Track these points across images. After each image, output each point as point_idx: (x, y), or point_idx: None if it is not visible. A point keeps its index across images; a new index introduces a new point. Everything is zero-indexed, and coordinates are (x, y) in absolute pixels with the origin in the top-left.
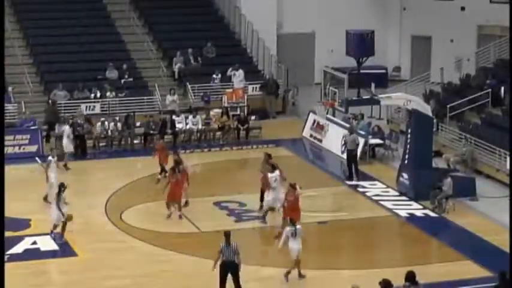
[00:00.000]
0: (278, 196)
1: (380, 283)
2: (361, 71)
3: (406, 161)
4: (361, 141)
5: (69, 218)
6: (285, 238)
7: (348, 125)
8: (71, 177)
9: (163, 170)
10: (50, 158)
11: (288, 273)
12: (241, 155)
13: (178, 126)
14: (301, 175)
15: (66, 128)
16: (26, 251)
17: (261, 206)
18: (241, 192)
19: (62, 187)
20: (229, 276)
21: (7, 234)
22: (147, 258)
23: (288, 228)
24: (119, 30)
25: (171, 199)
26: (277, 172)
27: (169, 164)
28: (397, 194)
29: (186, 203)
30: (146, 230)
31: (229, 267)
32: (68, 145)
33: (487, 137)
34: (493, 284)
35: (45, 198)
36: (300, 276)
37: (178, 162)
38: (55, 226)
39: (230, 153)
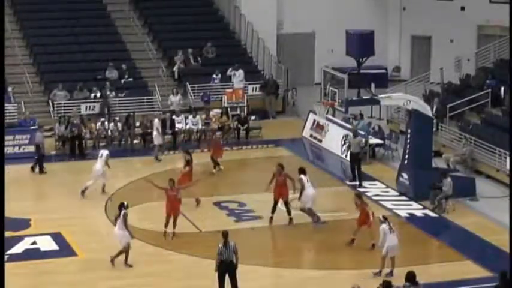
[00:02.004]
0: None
1: (380, 285)
2: (361, 71)
3: (406, 161)
4: (362, 141)
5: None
6: (383, 236)
7: (350, 127)
8: (71, 177)
9: (216, 163)
10: (106, 151)
11: (392, 272)
12: (241, 155)
13: (178, 126)
14: None
15: (156, 121)
16: (26, 251)
17: (271, 218)
18: (242, 192)
19: (122, 207)
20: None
21: (7, 234)
22: (147, 258)
23: (383, 226)
24: (119, 30)
25: (170, 214)
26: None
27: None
28: (397, 194)
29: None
30: (146, 230)
31: (227, 267)
32: (157, 138)
33: (487, 137)
34: (493, 284)
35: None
36: (391, 274)
37: (188, 162)
38: (120, 253)
39: (230, 153)
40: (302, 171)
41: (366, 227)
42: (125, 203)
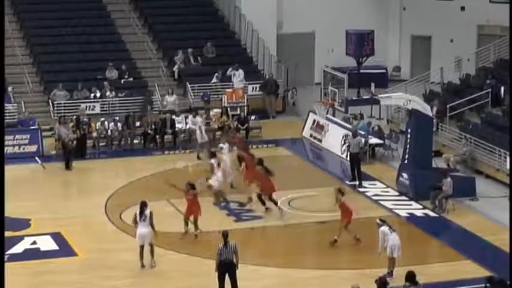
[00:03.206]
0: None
1: (376, 281)
2: (361, 71)
3: (406, 161)
4: (361, 141)
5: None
6: (383, 238)
7: (350, 127)
8: (71, 177)
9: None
10: (221, 145)
11: (391, 273)
12: None
13: (178, 126)
14: (301, 175)
15: (199, 120)
16: (26, 251)
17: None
18: (243, 192)
19: (145, 206)
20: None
21: (7, 234)
22: (147, 258)
23: (382, 228)
24: (119, 30)
25: (188, 215)
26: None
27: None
28: (397, 194)
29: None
30: None
31: (227, 267)
32: (201, 136)
33: (487, 137)
34: None
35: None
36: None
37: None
38: (153, 251)
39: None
40: (213, 155)
41: (346, 221)
42: (147, 201)
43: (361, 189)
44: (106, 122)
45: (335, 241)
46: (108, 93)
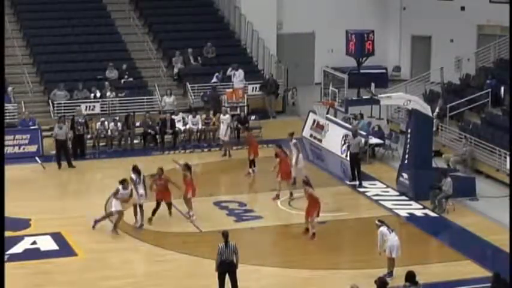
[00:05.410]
0: None
1: (375, 282)
2: (361, 71)
3: (406, 161)
4: (361, 141)
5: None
6: (381, 239)
7: (350, 127)
8: (71, 177)
9: (252, 163)
10: (294, 141)
11: (391, 273)
12: (241, 154)
13: (178, 126)
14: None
15: (225, 117)
16: (26, 251)
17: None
18: (242, 192)
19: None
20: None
21: (7, 234)
22: (147, 258)
23: (381, 229)
24: (119, 30)
25: (185, 194)
26: None
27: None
28: (397, 194)
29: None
30: (146, 230)
31: (228, 267)
32: (227, 133)
33: (487, 137)
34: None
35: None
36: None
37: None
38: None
39: (230, 153)
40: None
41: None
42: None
43: (361, 189)
44: (106, 122)
45: (313, 235)
46: (108, 93)
